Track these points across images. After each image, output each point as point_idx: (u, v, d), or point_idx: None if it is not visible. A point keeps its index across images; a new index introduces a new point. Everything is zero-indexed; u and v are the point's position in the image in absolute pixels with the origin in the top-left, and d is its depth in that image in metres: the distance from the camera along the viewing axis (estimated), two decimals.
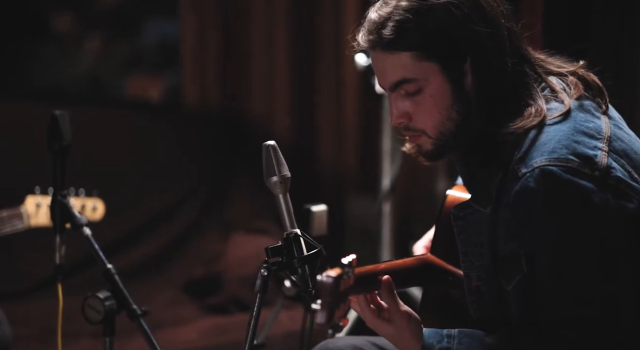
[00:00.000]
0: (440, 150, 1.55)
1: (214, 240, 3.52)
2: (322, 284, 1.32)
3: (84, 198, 2.49)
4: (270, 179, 1.56)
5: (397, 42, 1.50)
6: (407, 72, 1.51)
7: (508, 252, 1.47)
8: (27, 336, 2.72)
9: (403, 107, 1.54)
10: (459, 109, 1.52)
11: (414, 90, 1.52)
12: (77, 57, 4.25)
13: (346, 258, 1.36)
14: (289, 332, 2.86)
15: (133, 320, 1.91)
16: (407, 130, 1.56)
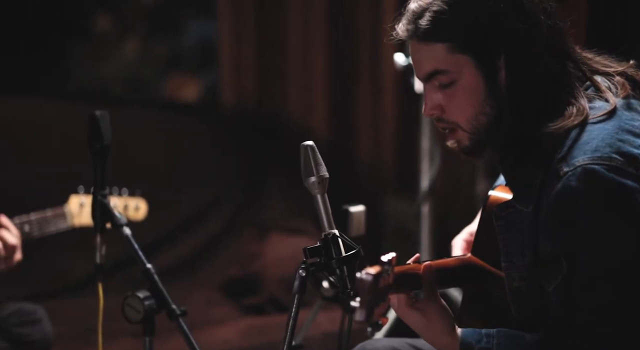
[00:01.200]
0: (477, 146, 1.54)
1: (250, 240, 3.53)
2: (361, 281, 1.31)
3: (126, 197, 2.51)
4: (308, 179, 1.56)
5: (432, 32, 1.50)
6: (440, 63, 1.51)
7: (549, 252, 1.46)
8: (68, 334, 2.75)
9: (436, 98, 1.53)
10: (492, 104, 1.51)
11: (447, 82, 1.52)
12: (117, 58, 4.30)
13: (386, 256, 1.35)
14: (327, 333, 2.86)
15: (172, 319, 1.92)
16: (440, 122, 1.56)
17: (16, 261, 2.25)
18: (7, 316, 2.32)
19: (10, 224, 2.26)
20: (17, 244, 2.23)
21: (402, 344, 1.69)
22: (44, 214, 2.37)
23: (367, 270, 1.32)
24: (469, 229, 1.81)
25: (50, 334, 2.41)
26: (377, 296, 1.33)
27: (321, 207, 1.56)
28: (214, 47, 3.97)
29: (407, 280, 1.48)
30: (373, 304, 1.32)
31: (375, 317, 1.35)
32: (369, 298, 1.31)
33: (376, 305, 1.34)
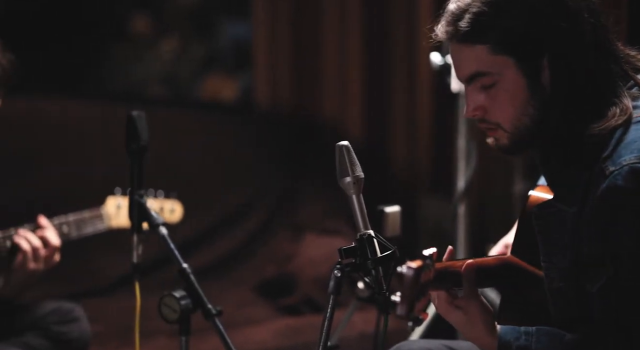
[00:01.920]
0: (516, 146, 1.53)
1: (285, 241, 3.53)
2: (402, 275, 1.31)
3: (162, 200, 2.53)
4: (343, 179, 1.56)
5: (472, 34, 1.49)
6: (481, 65, 1.50)
7: (593, 253, 1.44)
8: (105, 333, 2.77)
9: (478, 100, 1.52)
10: (535, 105, 1.49)
11: (489, 84, 1.50)
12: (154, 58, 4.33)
13: (427, 251, 1.35)
14: (362, 334, 2.85)
15: (208, 319, 1.92)
16: (482, 123, 1.55)
17: (55, 262, 2.28)
18: (46, 314, 2.35)
19: (50, 225, 2.29)
20: (58, 245, 2.26)
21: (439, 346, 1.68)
22: (81, 215, 2.39)
23: (409, 264, 1.31)
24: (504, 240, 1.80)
25: (88, 333, 2.43)
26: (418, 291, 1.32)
27: (356, 207, 1.55)
28: (250, 48, 3.99)
29: (447, 277, 1.48)
30: (414, 298, 1.32)
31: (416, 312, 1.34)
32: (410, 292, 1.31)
33: (417, 299, 1.33)
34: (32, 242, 2.23)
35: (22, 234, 2.24)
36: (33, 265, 2.23)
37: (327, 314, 1.53)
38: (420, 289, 1.34)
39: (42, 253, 2.23)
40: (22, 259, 2.24)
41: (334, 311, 1.54)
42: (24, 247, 2.23)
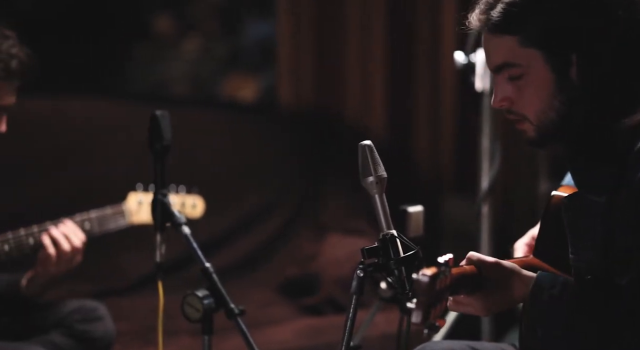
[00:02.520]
0: (543, 139, 1.52)
1: (308, 240, 3.53)
2: (417, 282, 1.29)
3: (184, 195, 2.53)
4: (366, 179, 1.55)
5: (503, 24, 1.48)
6: (509, 56, 1.49)
7: (625, 244, 1.41)
8: (129, 332, 2.78)
9: (505, 91, 1.51)
10: (562, 99, 1.48)
11: (517, 75, 1.49)
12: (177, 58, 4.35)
13: (443, 257, 1.33)
14: (385, 335, 2.83)
15: (230, 319, 1.93)
16: (510, 114, 1.54)
17: (76, 263, 2.29)
18: (70, 313, 2.36)
19: (74, 226, 2.30)
20: (80, 248, 2.27)
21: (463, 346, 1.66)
22: (103, 211, 2.40)
23: (424, 272, 1.30)
24: (532, 232, 1.78)
25: (112, 331, 2.44)
26: (433, 298, 1.31)
27: (379, 207, 1.55)
28: (273, 47, 3.99)
29: (465, 283, 1.46)
30: (429, 305, 1.30)
31: (432, 319, 1.33)
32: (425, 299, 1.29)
33: (433, 307, 1.32)
34: (58, 245, 2.25)
35: (49, 235, 2.26)
36: (56, 267, 2.25)
37: (350, 314, 1.53)
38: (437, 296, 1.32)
39: (65, 255, 2.25)
40: (45, 259, 2.25)
41: (357, 311, 1.54)
42: (49, 248, 2.25)
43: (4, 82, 2.17)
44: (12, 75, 2.17)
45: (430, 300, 1.30)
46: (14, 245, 2.23)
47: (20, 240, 2.24)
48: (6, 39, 2.17)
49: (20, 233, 2.26)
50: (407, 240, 1.54)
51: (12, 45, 2.17)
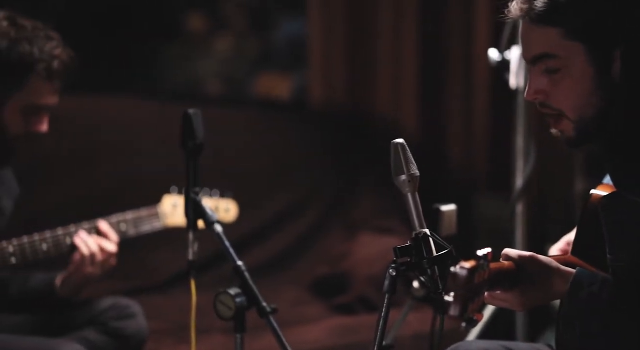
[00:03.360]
0: (582, 138, 1.49)
1: (339, 239, 3.52)
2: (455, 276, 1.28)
3: (217, 199, 2.54)
4: (398, 177, 1.54)
5: (546, 15, 1.45)
6: (550, 48, 1.46)
7: None
8: (162, 330, 2.80)
9: (541, 83, 1.49)
10: (601, 96, 1.45)
11: (555, 68, 1.47)
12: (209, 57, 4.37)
13: (482, 251, 1.32)
14: (418, 334, 2.82)
15: (262, 317, 1.93)
16: (544, 108, 1.51)
17: (111, 266, 2.31)
18: (104, 310, 2.38)
19: (110, 230, 2.32)
20: (114, 251, 2.29)
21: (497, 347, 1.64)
22: (139, 213, 2.42)
23: (462, 265, 1.29)
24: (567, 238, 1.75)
25: (145, 329, 2.46)
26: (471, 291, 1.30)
27: (412, 206, 1.53)
28: (305, 46, 3.99)
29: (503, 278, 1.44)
30: (467, 299, 1.30)
31: (470, 313, 1.32)
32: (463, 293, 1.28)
33: (471, 300, 1.31)
34: (90, 247, 2.27)
35: (82, 238, 2.28)
36: (90, 269, 2.27)
37: (382, 313, 1.52)
38: (475, 290, 1.31)
39: (99, 258, 2.27)
40: (80, 262, 2.28)
41: (389, 311, 1.53)
42: (83, 251, 2.27)
43: (46, 82, 2.21)
44: (53, 76, 2.20)
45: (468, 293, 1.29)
46: (52, 245, 2.26)
47: (58, 240, 2.26)
48: (50, 40, 2.20)
49: (58, 232, 2.28)
50: (440, 239, 1.53)
51: (55, 47, 2.20)
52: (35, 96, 2.20)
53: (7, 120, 2.19)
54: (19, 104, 2.19)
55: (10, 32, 2.17)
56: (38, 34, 2.20)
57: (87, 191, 3.26)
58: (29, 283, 2.35)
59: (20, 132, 2.22)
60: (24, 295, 2.35)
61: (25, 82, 2.18)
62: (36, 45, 2.17)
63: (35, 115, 2.23)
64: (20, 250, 2.23)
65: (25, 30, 2.19)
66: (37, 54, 2.17)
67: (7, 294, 2.36)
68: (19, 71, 2.17)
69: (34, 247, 2.25)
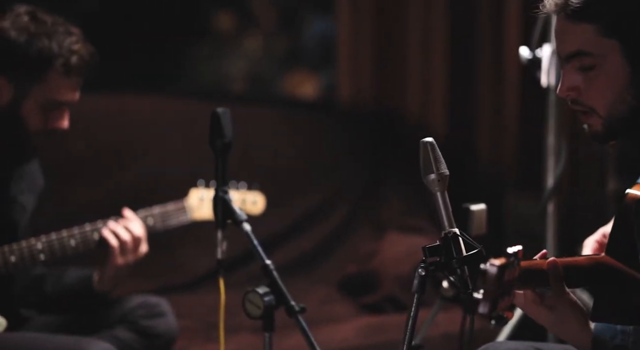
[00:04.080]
0: (609, 134, 1.47)
1: (367, 238, 3.51)
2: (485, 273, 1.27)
3: (244, 191, 2.54)
4: (428, 176, 1.53)
5: (582, 12, 1.43)
6: (585, 44, 1.44)
7: None
8: (190, 328, 2.81)
9: (574, 80, 1.47)
10: (634, 93, 1.43)
11: (589, 65, 1.45)
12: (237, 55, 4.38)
13: (512, 248, 1.31)
14: (447, 334, 2.80)
15: (291, 316, 1.92)
16: (575, 104, 1.49)
17: (142, 253, 2.31)
18: (134, 308, 2.39)
19: (134, 216, 2.33)
20: (142, 236, 2.30)
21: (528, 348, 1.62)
22: (165, 207, 2.43)
23: (492, 262, 1.28)
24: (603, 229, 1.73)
25: (174, 327, 2.46)
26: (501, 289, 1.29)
27: (441, 205, 1.52)
28: (333, 44, 3.98)
29: (534, 276, 1.43)
30: (497, 297, 1.28)
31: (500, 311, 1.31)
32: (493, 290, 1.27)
33: (501, 298, 1.29)
34: (118, 236, 2.28)
35: (109, 228, 2.29)
36: (122, 258, 2.28)
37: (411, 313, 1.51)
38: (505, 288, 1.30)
39: (129, 246, 2.27)
40: (110, 252, 2.29)
41: (418, 310, 1.52)
42: (111, 242, 2.28)
43: (64, 77, 2.20)
44: (72, 72, 2.19)
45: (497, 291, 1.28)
46: (80, 241, 2.27)
47: (86, 236, 2.28)
48: (69, 35, 2.20)
49: (86, 228, 2.30)
50: (470, 239, 1.51)
51: (74, 42, 2.20)
52: (53, 92, 2.20)
53: (27, 116, 2.19)
54: (38, 99, 2.19)
55: (30, 27, 2.17)
56: (57, 29, 2.19)
57: (116, 190, 3.28)
58: (64, 279, 2.37)
59: (40, 128, 2.21)
60: (59, 291, 2.37)
61: (43, 77, 2.18)
62: (55, 40, 2.17)
63: (55, 111, 2.22)
64: (48, 246, 2.25)
65: (45, 24, 2.19)
66: (55, 48, 2.16)
67: (43, 291, 2.38)
68: (37, 66, 2.17)
69: (62, 244, 2.26)
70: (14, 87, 2.18)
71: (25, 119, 2.20)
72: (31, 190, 2.36)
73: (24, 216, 2.33)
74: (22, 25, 2.17)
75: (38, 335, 2.23)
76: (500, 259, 1.29)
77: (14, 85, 2.18)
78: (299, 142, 3.67)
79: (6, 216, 2.29)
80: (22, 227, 2.32)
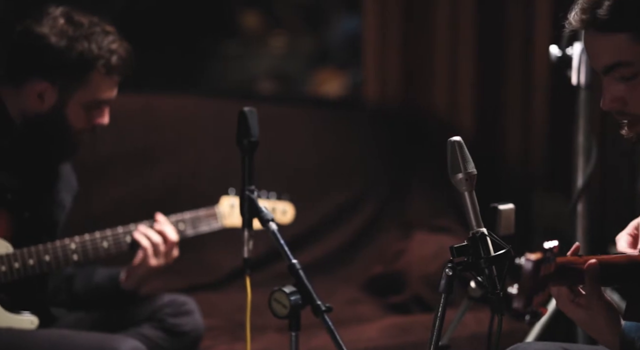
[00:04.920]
0: None
1: (393, 238, 3.49)
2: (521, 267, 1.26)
3: (274, 201, 2.56)
4: (455, 175, 1.52)
5: (613, 22, 1.40)
6: (623, 55, 1.42)
7: None
8: (217, 327, 2.81)
9: (617, 91, 1.44)
10: None
11: (630, 75, 1.42)
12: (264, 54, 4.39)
13: (548, 243, 1.29)
14: (474, 335, 2.78)
15: (317, 315, 1.92)
16: (620, 115, 1.46)
17: (173, 257, 2.34)
18: (161, 306, 2.40)
19: (167, 221, 2.35)
20: (175, 241, 2.32)
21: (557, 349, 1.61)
22: (197, 213, 2.45)
23: (528, 256, 1.27)
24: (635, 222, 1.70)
25: (201, 326, 2.48)
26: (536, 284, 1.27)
27: (469, 204, 1.52)
28: (360, 42, 3.97)
29: (569, 273, 1.41)
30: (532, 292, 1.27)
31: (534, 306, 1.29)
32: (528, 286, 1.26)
33: (535, 293, 1.28)
34: (151, 239, 2.31)
35: (142, 231, 2.31)
36: (154, 261, 2.30)
37: (439, 313, 1.50)
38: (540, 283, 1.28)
39: (161, 249, 2.30)
40: (143, 255, 2.31)
41: (445, 310, 1.51)
42: (143, 243, 2.30)
43: (106, 77, 2.24)
44: (113, 71, 2.24)
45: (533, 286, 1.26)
46: (113, 243, 2.30)
47: (118, 238, 2.30)
48: (107, 34, 2.23)
49: (118, 231, 2.32)
50: (498, 238, 1.50)
51: (112, 41, 2.23)
52: (96, 92, 2.24)
53: (71, 116, 2.24)
54: (82, 100, 2.24)
55: (68, 30, 2.20)
56: (95, 29, 2.22)
57: (147, 190, 3.29)
58: (92, 278, 2.40)
59: (83, 126, 2.27)
60: (88, 290, 2.40)
61: (86, 79, 2.22)
62: (94, 42, 2.20)
63: (97, 109, 2.28)
64: (82, 247, 2.27)
65: (82, 27, 2.22)
66: (95, 50, 2.20)
67: (72, 290, 2.41)
68: (79, 69, 2.21)
69: (95, 245, 2.29)
70: (58, 91, 2.22)
71: (69, 120, 2.24)
72: (68, 190, 2.40)
73: (62, 215, 2.37)
74: (60, 30, 2.20)
75: (69, 332, 2.26)
76: (536, 253, 1.28)
77: (58, 89, 2.22)
78: (326, 140, 3.66)
79: (49, 215, 2.33)
80: (61, 227, 2.36)
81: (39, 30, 2.19)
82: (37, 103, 2.22)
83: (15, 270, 2.21)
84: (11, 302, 2.25)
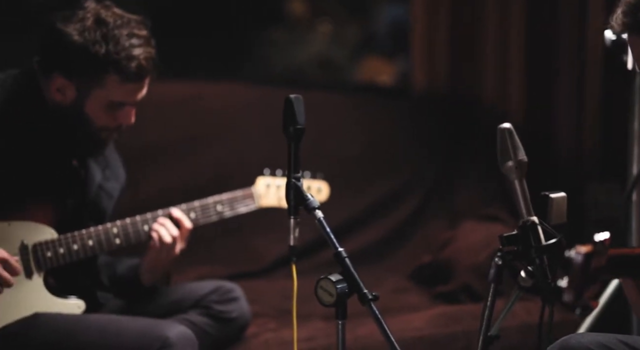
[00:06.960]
0: None
1: (441, 227, 3.46)
2: (571, 261, 1.23)
3: (309, 180, 2.56)
4: (505, 163, 1.50)
5: None
6: None
7: None
8: (263, 314, 2.82)
9: None
10: None
11: None
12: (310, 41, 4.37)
13: (599, 235, 1.26)
14: (524, 325, 2.73)
15: (364, 304, 1.90)
16: None
17: (177, 253, 2.34)
18: (207, 293, 2.42)
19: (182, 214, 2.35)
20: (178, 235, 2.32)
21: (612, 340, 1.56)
22: (234, 194, 2.46)
23: (578, 249, 1.23)
24: None
25: (248, 313, 2.49)
26: (587, 277, 1.24)
27: (519, 193, 1.49)
28: (407, 30, 3.93)
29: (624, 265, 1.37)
30: (583, 286, 1.23)
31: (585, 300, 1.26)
32: (579, 280, 1.22)
33: (586, 287, 1.24)
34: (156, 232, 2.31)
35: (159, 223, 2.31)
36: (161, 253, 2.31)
37: (488, 302, 1.48)
38: (591, 276, 1.25)
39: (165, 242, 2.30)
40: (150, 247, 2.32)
41: (495, 300, 1.48)
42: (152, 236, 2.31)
43: (121, 83, 2.22)
44: (128, 78, 2.22)
45: (583, 279, 1.23)
46: (132, 232, 2.31)
47: (137, 227, 2.31)
48: (131, 37, 2.21)
49: (158, 213, 2.34)
50: (549, 227, 1.47)
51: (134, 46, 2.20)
52: (112, 94, 2.23)
53: (92, 114, 2.25)
54: (99, 100, 2.24)
55: (91, 31, 2.19)
56: (120, 31, 2.20)
57: (192, 177, 3.31)
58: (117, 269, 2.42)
59: (106, 124, 2.26)
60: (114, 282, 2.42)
61: (101, 81, 2.22)
62: (113, 46, 2.18)
63: (119, 110, 2.26)
64: (123, 231, 2.29)
65: (107, 27, 2.20)
66: (112, 55, 2.18)
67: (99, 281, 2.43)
68: (93, 71, 2.21)
69: (136, 228, 2.30)
70: (75, 89, 2.23)
71: (90, 117, 2.25)
72: (116, 179, 2.42)
73: (110, 203, 2.39)
74: (83, 29, 2.19)
75: (116, 317, 2.28)
76: (587, 246, 1.24)
77: (75, 87, 2.23)
78: (372, 128, 3.64)
79: (95, 204, 2.36)
80: (109, 215, 2.38)
81: (62, 27, 2.20)
82: (58, 96, 2.24)
83: (61, 255, 2.23)
84: (59, 287, 2.28)
